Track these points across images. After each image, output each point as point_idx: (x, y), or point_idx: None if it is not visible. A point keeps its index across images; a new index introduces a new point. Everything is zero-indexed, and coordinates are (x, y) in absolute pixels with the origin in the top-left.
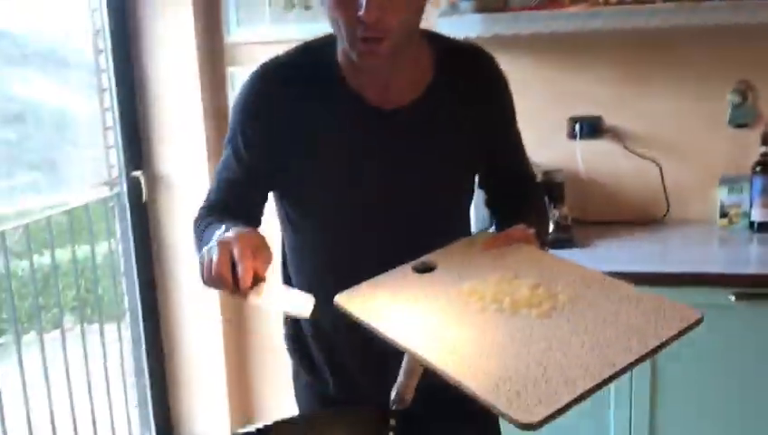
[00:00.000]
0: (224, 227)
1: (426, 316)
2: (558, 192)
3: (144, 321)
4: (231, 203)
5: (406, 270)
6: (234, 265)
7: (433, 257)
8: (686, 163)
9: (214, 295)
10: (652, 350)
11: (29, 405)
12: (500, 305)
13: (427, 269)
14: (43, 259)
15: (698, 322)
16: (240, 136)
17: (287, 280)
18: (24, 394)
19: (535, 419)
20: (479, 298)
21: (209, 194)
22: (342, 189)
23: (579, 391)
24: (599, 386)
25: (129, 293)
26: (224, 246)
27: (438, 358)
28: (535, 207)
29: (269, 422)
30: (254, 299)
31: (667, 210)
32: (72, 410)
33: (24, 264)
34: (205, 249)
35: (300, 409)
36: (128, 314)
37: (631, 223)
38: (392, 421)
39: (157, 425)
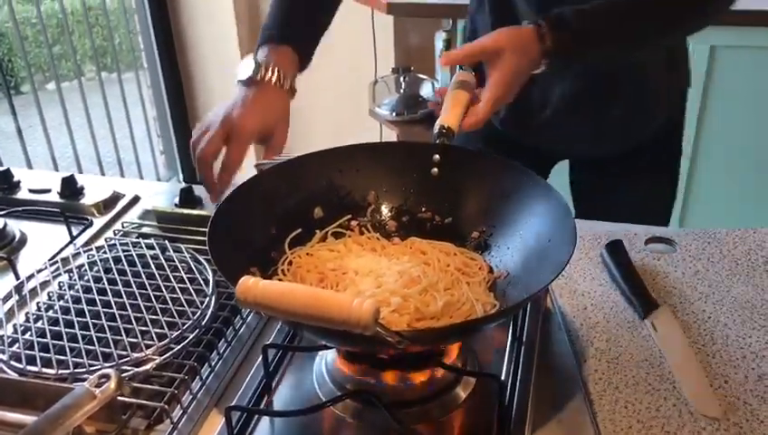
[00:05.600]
0: (259, 56)
1: None
2: None
3: (162, 67)
4: None
5: None
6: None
7: None
8: None
9: (233, 31)
10: None
11: (53, 148)
12: None
13: None
14: (55, 5)
15: None
16: None
17: None
18: (47, 138)
19: None
20: None
21: None
22: None
23: None
24: None
25: (144, 38)
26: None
27: None
28: None
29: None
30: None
31: None
32: (97, 152)
33: (35, 10)
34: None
35: None
36: (144, 59)
37: None
38: (436, 157)
39: (183, 169)
